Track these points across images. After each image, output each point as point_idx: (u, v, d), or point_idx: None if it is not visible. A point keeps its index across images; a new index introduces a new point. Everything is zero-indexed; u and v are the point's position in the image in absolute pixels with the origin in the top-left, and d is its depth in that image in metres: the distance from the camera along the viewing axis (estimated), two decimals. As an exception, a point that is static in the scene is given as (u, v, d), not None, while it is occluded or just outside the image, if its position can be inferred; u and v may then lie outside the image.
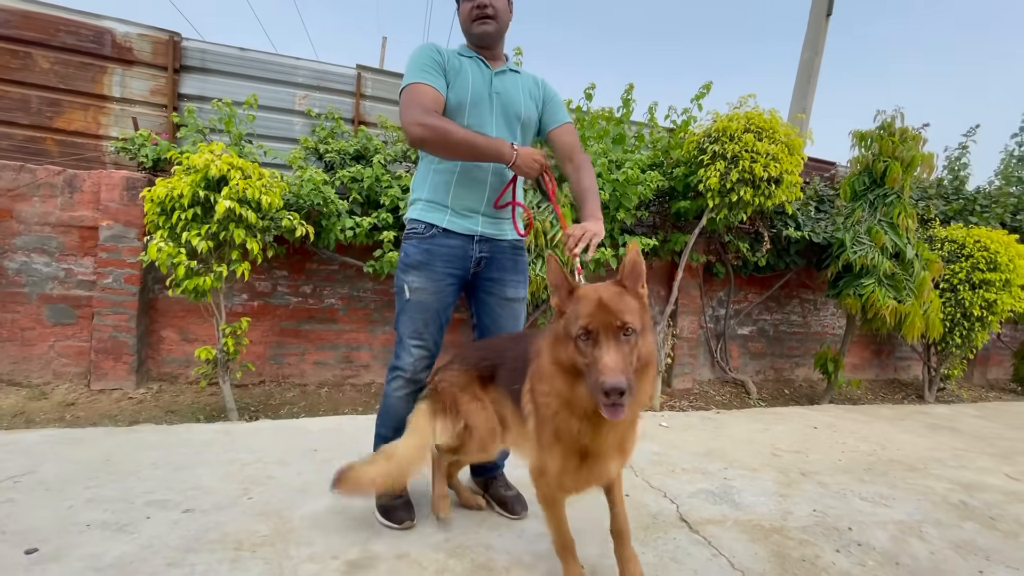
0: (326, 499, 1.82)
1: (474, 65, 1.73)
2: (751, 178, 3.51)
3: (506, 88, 1.75)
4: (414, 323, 1.73)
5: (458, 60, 1.71)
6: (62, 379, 3.28)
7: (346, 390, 3.78)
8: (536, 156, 1.61)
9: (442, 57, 1.67)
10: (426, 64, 1.64)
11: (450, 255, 1.72)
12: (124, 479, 1.88)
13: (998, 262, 4.47)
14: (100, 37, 3.72)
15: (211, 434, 2.46)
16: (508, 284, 1.82)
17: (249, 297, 3.60)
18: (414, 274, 1.72)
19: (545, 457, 1.29)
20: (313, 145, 3.67)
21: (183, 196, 2.61)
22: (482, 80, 1.71)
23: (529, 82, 1.83)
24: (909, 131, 4.10)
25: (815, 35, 5.67)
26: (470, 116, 1.68)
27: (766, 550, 1.72)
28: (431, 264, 1.71)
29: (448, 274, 1.73)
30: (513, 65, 1.84)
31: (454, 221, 1.73)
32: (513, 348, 1.54)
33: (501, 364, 1.54)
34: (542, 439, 1.29)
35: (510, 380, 1.46)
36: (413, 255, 1.73)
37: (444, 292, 1.74)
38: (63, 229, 3.26)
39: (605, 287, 1.17)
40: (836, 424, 3.49)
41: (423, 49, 1.67)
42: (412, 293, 1.72)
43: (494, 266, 1.80)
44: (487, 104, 1.71)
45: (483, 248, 1.77)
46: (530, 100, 1.80)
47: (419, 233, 1.74)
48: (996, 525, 2.05)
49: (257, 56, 4.02)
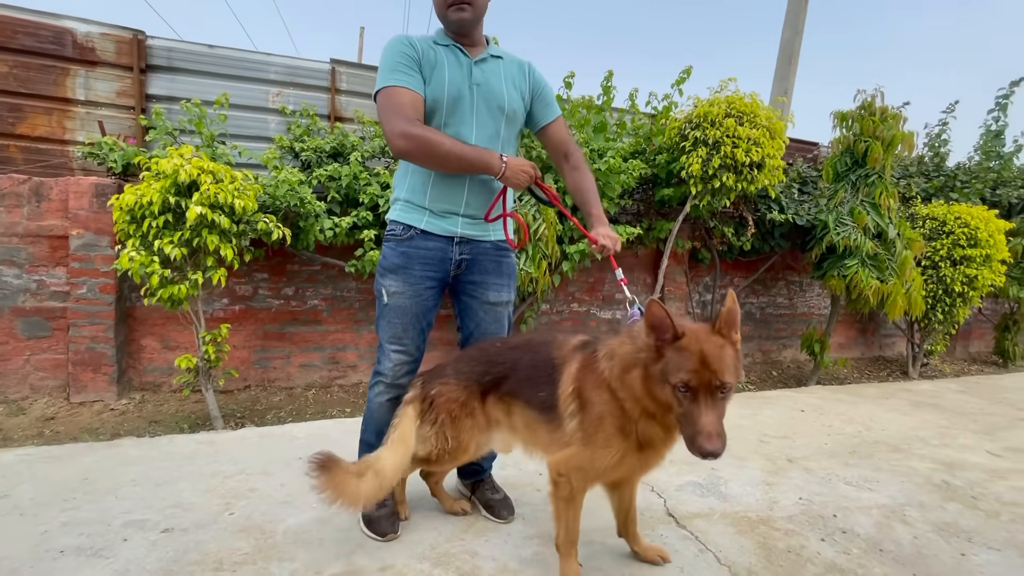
0: (309, 511, 1.80)
1: (451, 55, 1.62)
2: (733, 164, 3.49)
3: (487, 79, 1.64)
4: (393, 328, 1.70)
5: (433, 51, 1.60)
6: (40, 393, 3.21)
7: (334, 391, 3.75)
8: (525, 167, 1.56)
9: (416, 51, 1.57)
10: (399, 62, 1.54)
11: (429, 257, 1.67)
12: (102, 499, 1.84)
13: (978, 238, 4.51)
14: (60, 38, 3.58)
15: (194, 445, 2.42)
16: (491, 287, 1.76)
17: (230, 301, 3.54)
18: (391, 278, 1.68)
19: (593, 454, 1.34)
20: (288, 144, 3.58)
21: (153, 203, 2.53)
22: (461, 72, 1.61)
23: (513, 69, 1.71)
24: (889, 110, 4.09)
25: (795, 14, 5.62)
26: (448, 114, 1.59)
27: (752, 542, 1.73)
28: (409, 267, 1.66)
29: (427, 277, 1.68)
30: (495, 49, 1.70)
31: (432, 222, 1.66)
32: (524, 357, 1.54)
33: (510, 376, 1.53)
34: (594, 438, 1.34)
35: (531, 389, 1.48)
36: (390, 258, 1.68)
37: (423, 296, 1.69)
38: (32, 240, 3.16)
39: (707, 337, 1.19)
40: (823, 406, 3.52)
41: (395, 44, 1.57)
42: (390, 297, 1.68)
43: (476, 268, 1.74)
44: (467, 98, 1.60)
45: (463, 250, 1.70)
46: (514, 90, 1.68)
47: (397, 235, 1.68)
48: (978, 505, 2.08)
49: (227, 53, 3.90)
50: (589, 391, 1.35)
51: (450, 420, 1.54)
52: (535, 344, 1.57)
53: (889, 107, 4.11)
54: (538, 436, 1.48)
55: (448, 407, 1.54)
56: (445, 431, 1.54)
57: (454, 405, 1.54)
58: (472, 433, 1.56)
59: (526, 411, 1.49)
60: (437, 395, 1.57)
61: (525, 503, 1.93)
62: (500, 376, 1.54)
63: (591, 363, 1.37)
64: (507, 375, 1.53)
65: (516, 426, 1.54)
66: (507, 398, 1.53)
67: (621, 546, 1.65)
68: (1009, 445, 2.82)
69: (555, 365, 1.45)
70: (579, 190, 1.74)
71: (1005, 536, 1.84)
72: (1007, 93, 6.07)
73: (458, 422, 1.54)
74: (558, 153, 1.78)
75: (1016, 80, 6.06)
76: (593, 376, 1.35)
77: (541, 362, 1.48)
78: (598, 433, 1.33)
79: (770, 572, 1.57)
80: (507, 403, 1.54)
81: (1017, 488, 2.24)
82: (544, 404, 1.44)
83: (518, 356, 1.55)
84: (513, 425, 1.55)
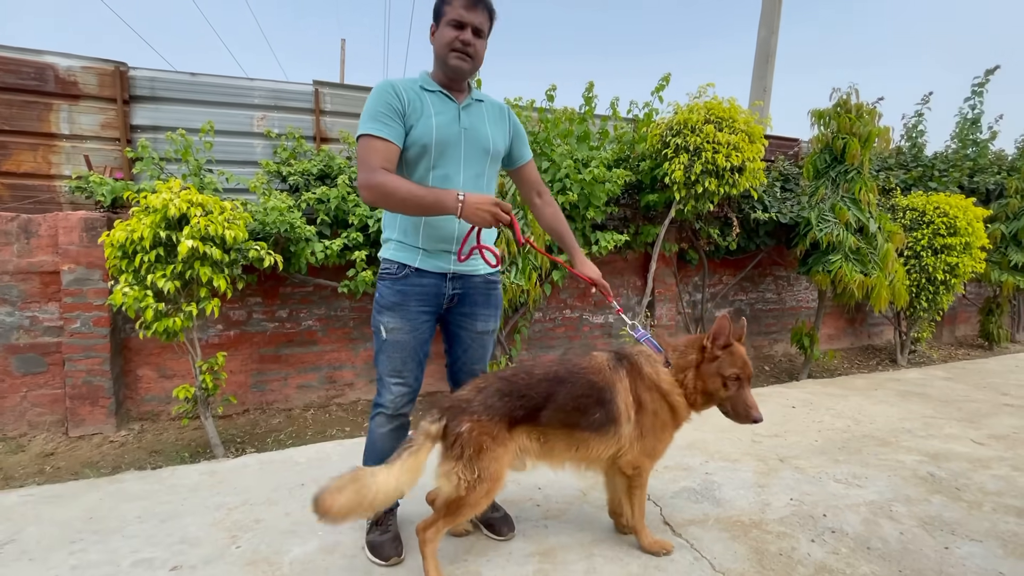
0: (315, 540, 1.84)
1: (438, 100, 1.67)
2: (714, 169, 3.56)
3: (473, 123, 1.71)
4: (392, 362, 1.75)
5: (419, 98, 1.64)
6: (38, 429, 3.22)
7: (332, 410, 3.78)
8: (483, 206, 1.50)
9: (401, 100, 1.61)
10: (380, 111, 1.58)
11: (424, 294, 1.73)
12: (108, 539, 1.87)
13: (958, 226, 4.62)
14: (42, 73, 3.59)
15: (197, 476, 2.45)
16: (479, 318, 1.85)
17: (225, 327, 3.56)
18: (389, 315, 1.73)
19: (656, 442, 1.71)
20: (276, 168, 3.61)
21: (144, 239, 2.55)
22: (448, 117, 1.66)
23: (495, 112, 1.80)
24: (864, 106, 4.19)
25: (770, 13, 5.71)
26: (437, 156, 1.65)
27: (745, 547, 1.79)
28: (405, 304, 1.72)
29: (422, 312, 1.75)
30: (477, 94, 1.78)
31: (426, 260, 1.72)
32: (561, 390, 1.65)
33: (546, 406, 1.63)
34: (654, 429, 1.70)
35: (580, 415, 1.65)
36: (387, 296, 1.74)
37: (420, 330, 1.76)
38: (23, 276, 3.17)
39: (740, 347, 1.70)
40: (813, 401, 3.60)
41: (380, 91, 1.61)
42: (389, 333, 1.73)
43: (467, 301, 1.82)
44: (457, 142, 1.67)
45: (456, 285, 1.78)
46: (498, 132, 1.78)
47: (392, 274, 1.74)
48: (961, 496, 2.15)
49: (210, 80, 3.92)
50: (642, 395, 1.69)
51: (480, 454, 1.55)
52: (568, 374, 1.68)
53: (864, 104, 4.20)
54: (591, 450, 1.68)
55: (479, 441, 1.55)
56: (475, 464, 1.54)
57: (486, 439, 1.56)
58: (503, 464, 1.59)
59: (574, 434, 1.65)
60: (468, 431, 1.55)
61: (524, 519, 1.98)
62: (534, 408, 1.62)
63: (637, 373, 1.71)
64: (542, 406, 1.62)
65: (555, 450, 1.68)
66: (545, 428, 1.64)
67: (620, 552, 1.70)
68: (992, 432, 2.91)
69: (601, 387, 1.67)
70: (556, 230, 1.91)
71: (987, 527, 1.91)
72: (983, 81, 6.20)
73: (488, 453, 1.55)
74: (531, 191, 1.93)
75: (991, 68, 6.20)
76: (642, 383, 1.70)
77: (586, 390, 1.66)
78: (655, 425, 1.69)
79: (763, 576, 1.63)
80: (543, 431, 1.64)
81: (999, 476, 2.32)
82: (599, 423, 1.65)
83: (552, 389, 1.65)
84: (550, 450, 1.67)
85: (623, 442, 1.67)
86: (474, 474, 1.53)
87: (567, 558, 1.74)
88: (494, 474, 1.56)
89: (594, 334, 4.55)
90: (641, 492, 1.76)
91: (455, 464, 1.54)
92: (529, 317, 4.04)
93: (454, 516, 1.57)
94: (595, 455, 1.69)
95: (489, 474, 1.55)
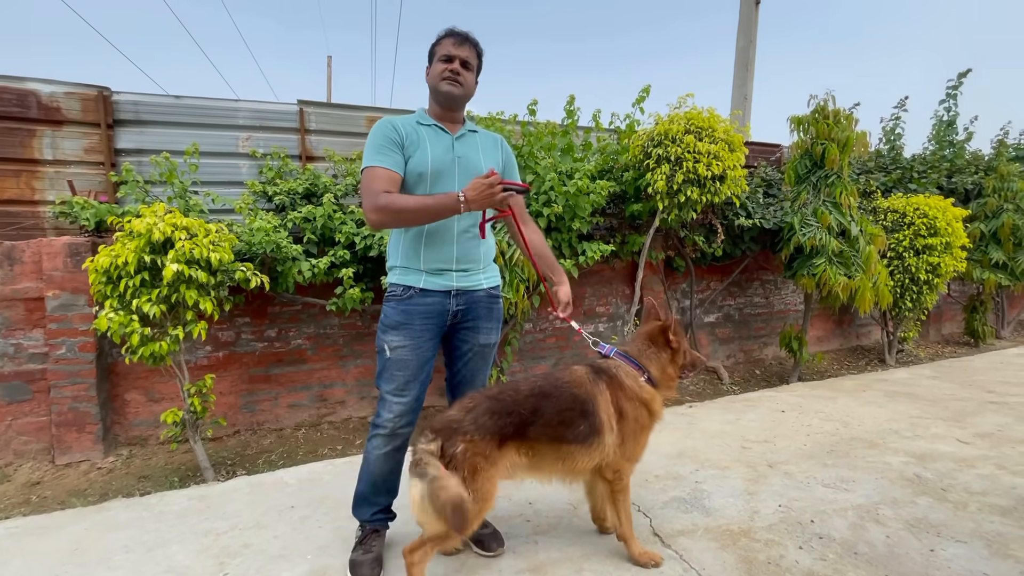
0: (304, 564, 1.83)
1: (433, 133, 1.80)
2: (696, 178, 3.61)
3: (467, 152, 1.83)
4: (396, 380, 1.78)
5: (416, 132, 1.78)
6: (24, 458, 3.17)
7: (324, 428, 3.76)
8: (480, 189, 1.56)
9: (399, 134, 1.74)
10: (381, 144, 1.72)
11: (429, 312, 1.78)
12: (94, 570, 1.85)
13: (938, 227, 4.70)
14: (24, 99, 3.59)
15: (185, 502, 2.42)
16: (482, 331, 1.90)
17: (213, 348, 3.54)
18: (393, 334, 1.77)
19: (635, 447, 1.78)
20: (261, 188, 3.62)
21: (128, 263, 2.55)
22: (442, 147, 1.79)
23: (489, 143, 1.92)
24: (842, 112, 4.27)
25: (747, 23, 5.82)
26: (433, 183, 1.76)
27: (734, 556, 1.80)
28: (410, 323, 1.77)
29: (427, 329, 1.79)
30: (471, 126, 1.90)
31: (430, 280, 1.79)
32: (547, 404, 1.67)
33: (534, 422, 1.65)
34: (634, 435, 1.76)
35: (565, 428, 1.68)
36: (392, 316, 1.79)
37: (423, 348, 1.79)
38: (6, 304, 3.15)
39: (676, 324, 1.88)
40: (802, 404, 3.63)
41: (380, 128, 1.75)
42: (392, 351, 1.77)
43: (471, 315, 1.87)
44: (451, 169, 1.78)
45: (459, 301, 1.83)
46: (490, 159, 1.88)
47: (397, 296, 1.80)
48: (947, 496, 2.18)
49: (194, 103, 3.93)
50: (622, 404, 1.74)
51: (474, 474, 1.55)
52: (552, 389, 1.71)
53: (842, 109, 4.29)
54: (576, 461, 1.70)
55: (473, 462, 1.55)
56: (469, 485, 1.53)
57: (479, 459, 1.56)
58: (495, 482, 1.61)
59: (561, 447, 1.68)
60: (463, 452, 1.56)
61: (514, 535, 1.98)
62: (522, 424, 1.63)
63: (618, 386, 1.76)
64: (530, 421, 1.64)
65: (543, 463, 1.70)
66: (533, 442, 1.65)
67: (610, 565, 1.70)
68: (978, 431, 2.95)
69: (584, 400, 1.71)
70: (542, 255, 1.98)
71: (972, 527, 1.93)
72: (956, 84, 6.34)
73: (482, 473, 1.56)
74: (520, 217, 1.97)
75: (964, 71, 6.34)
76: (622, 392, 1.75)
77: (569, 404, 1.69)
78: (636, 430, 1.76)
79: (751, 585, 1.64)
80: (531, 446, 1.65)
81: (984, 476, 2.36)
82: (583, 434, 1.68)
83: (538, 404, 1.67)
84: (539, 463, 1.69)
85: (606, 451, 1.71)
86: (468, 495, 1.52)
87: (557, 573, 1.74)
88: (487, 494, 1.56)
89: (584, 344, 4.57)
90: (624, 497, 1.79)
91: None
92: (519, 329, 4.05)
93: (444, 539, 1.56)
94: (580, 467, 1.72)
95: (483, 494, 1.55)
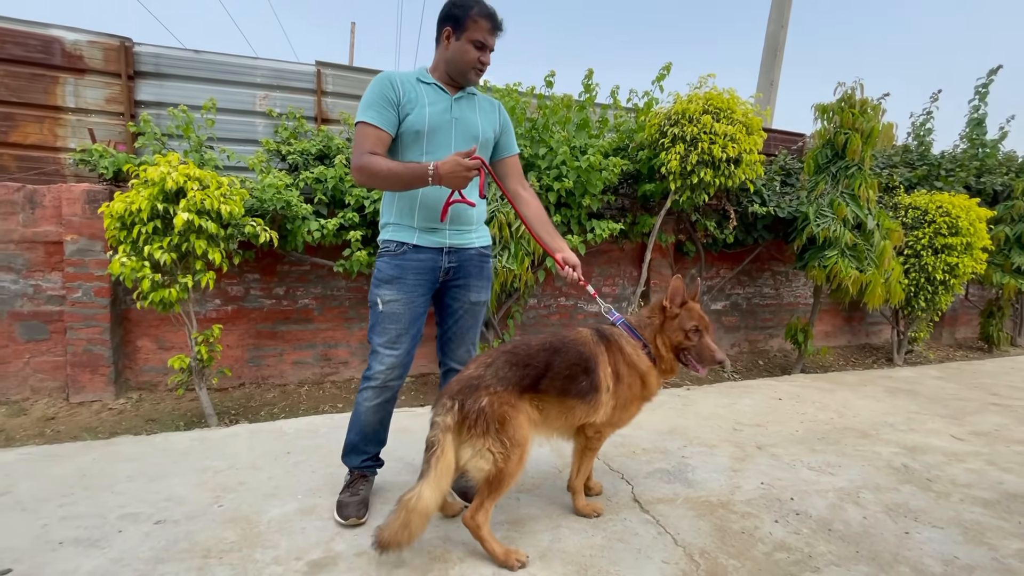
0: (294, 503, 1.91)
1: (433, 92, 1.81)
2: (710, 159, 3.57)
3: (464, 113, 1.85)
4: (388, 334, 1.83)
5: (415, 89, 1.78)
6: (40, 394, 3.32)
7: (326, 387, 3.86)
8: (453, 167, 1.59)
9: (396, 92, 1.75)
10: (375, 100, 1.73)
11: (421, 268, 1.83)
12: (98, 494, 1.95)
13: (959, 227, 4.58)
14: (49, 46, 3.65)
15: (187, 442, 2.53)
16: (472, 289, 1.94)
17: (223, 302, 3.64)
18: (386, 287, 1.82)
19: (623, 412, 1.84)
20: (275, 147, 3.66)
21: (142, 210, 2.62)
22: (441, 107, 1.80)
23: (486, 105, 1.95)
24: (869, 102, 4.15)
25: (780, 7, 5.64)
26: (429, 141, 1.78)
27: (709, 524, 1.84)
28: (403, 278, 1.81)
29: (419, 285, 1.84)
30: (471, 89, 1.91)
31: (423, 237, 1.83)
32: (557, 359, 1.72)
33: (545, 375, 1.69)
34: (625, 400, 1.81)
35: (571, 382, 1.72)
36: (385, 271, 1.83)
37: (415, 303, 1.84)
38: (27, 246, 3.26)
39: (695, 304, 1.88)
40: (800, 394, 3.62)
41: (378, 83, 1.75)
42: (385, 305, 1.82)
43: (462, 273, 1.91)
44: (448, 129, 1.80)
45: (452, 259, 1.87)
46: (487, 123, 1.91)
47: (391, 251, 1.84)
48: (932, 486, 2.18)
49: (213, 58, 3.96)
50: (620, 368, 1.80)
51: (504, 424, 1.58)
52: (560, 344, 1.77)
53: (869, 99, 4.17)
54: (575, 415, 1.76)
55: (501, 411, 1.58)
56: (502, 435, 1.57)
57: (507, 408, 1.60)
58: (527, 428, 1.64)
59: (565, 401, 1.73)
60: (489, 404, 1.58)
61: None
62: (536, 376, 1.68)
63: (618, 350, 1.82)
64: (543, 374, 1.69)
65: (549, 417, 1.73)
66: (543, 394, 1.70)
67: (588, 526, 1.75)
68: (974, 429, 2.92)
69: (587, 357, 1.76)
70: (538, 213, 1.98)
71: (951, 515, 1.94)
72: (986, 82, 6.11)
73: (512, 421, 1.59)
74: (516, 183, 2.01)
75: (994, 68, 6.10)
76: (622, 358, 1.81)
77: (576, 359, 1.75)
78: (628, 398, 1.82)
79: (722, 551, 1.68)
80: (541, 398, 1.70)
81: (972, 470, 2.35)
82: (585, 390, 1.74)
83: (550, 358, 1.72)
84: (546, 417, 1.73)
85: (600, 408, 1.77)
86: (505, 444, 1.57)
87: (535, 528, 1.80)
88: (522, 439, 1.61)
89: (588, 323, 4.59)
90: (591, 456, 1.91)
91: (483, 441, 1.56)
92: (523, 303, 4.08)
93: (498, 490, 1.60)
94: (576, 421, 1.78)
95: (518, 440, 1.59)
